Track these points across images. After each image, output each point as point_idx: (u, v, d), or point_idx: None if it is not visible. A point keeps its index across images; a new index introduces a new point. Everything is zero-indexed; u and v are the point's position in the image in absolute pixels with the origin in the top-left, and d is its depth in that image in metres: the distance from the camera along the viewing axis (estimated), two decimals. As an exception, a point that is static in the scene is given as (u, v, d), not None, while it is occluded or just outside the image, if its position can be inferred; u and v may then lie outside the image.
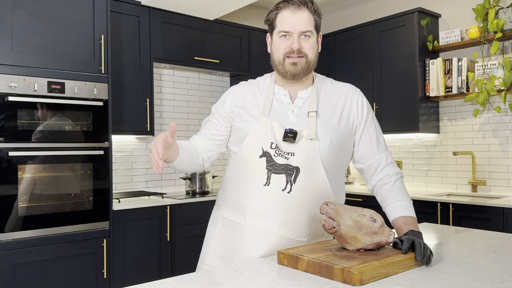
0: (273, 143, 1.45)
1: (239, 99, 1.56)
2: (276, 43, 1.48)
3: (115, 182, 3.60)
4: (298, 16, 1.43)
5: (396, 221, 1.44)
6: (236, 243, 1.49)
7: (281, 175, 1.43)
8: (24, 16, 2.68)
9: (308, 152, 1.44)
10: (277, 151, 1.44)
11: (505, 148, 3.41)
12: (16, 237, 2.61)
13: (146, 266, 3.18)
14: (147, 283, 1.13)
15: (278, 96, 1.53)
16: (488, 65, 3.38)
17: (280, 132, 1.45)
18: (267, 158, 1.44)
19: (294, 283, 1.11)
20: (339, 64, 4.27)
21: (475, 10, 3.42)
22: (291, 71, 1.46)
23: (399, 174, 1.53)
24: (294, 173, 1.43)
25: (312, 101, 1.50)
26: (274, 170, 1.43)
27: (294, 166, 1.43)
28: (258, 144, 1.46)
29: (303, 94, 1.52)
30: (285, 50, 1.45)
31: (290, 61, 1.45)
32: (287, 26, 1.43)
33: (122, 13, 3.35)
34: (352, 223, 1.25)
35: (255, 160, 1.46)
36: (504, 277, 1.14)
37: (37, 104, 2.70)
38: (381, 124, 3.83)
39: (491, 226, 2.87)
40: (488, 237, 1.66)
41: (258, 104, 1.52)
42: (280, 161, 1.44)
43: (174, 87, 4.02)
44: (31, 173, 2.67)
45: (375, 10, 4.33)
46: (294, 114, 1.49)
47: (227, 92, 1.62)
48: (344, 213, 1.27)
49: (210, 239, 1.60)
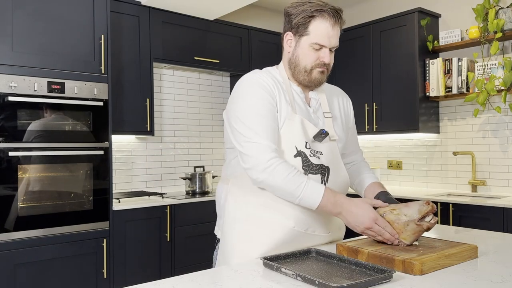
0: (307, 142, 1.45)
1: (271, 89, 1.46)
2: (306, 51, 1.45)
3: (115, 182, 3.60)
4: (335, 31, 1.44)
5: (368, 187, 1.61)
6: (271, 239, 1.42)
7: (316, 175, 1.44)
8: (24, 16, 2.68)
9: (332, 152, 1.50)
10: (311, 151, 1.45)
11: (505, 148, 3.41)
12: (16, 237, 2.61)
13: (146, 266, 3.18)
14: (147, 283, 1.12)
15: (297, 92, 1.52)
16: (488, 65, 3.38)
17: (312, 132, 1.46)
18: (303, 158, 1.43)
19: (294, 282, 1.11)
20: (339, 64, 4.27)
21: (475, 10, 3.42)
22: (319, 79, 1.49)
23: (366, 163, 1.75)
24: (327, 172, 1.47)
25: (324, 102, 1.56)
26: (310, 171, 1.43)
27: (326, 166, 1.47)
28: (292, 143, 1.43)
29: (313, 95, 1.56)
30: (316, 62, 1.46)
31: (319, 70, 1.47)
32: (325, 41, 1.43)
33: (122, 13, 3.35)
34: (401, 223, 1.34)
35: (289, 160, 1.42)
36: (504, 277, 1.14)
37: (37, 104, 2.70)
38: (381, 124, 3.88)
39: (491, 226, 2.87)
40: (488, 237, 1.66)
41: (285, 98, 1.47)
42: (315, 161, 1.45)
43: (174, 87, 4.02)
44: (31, 173, 2.67)
45: (375, 10, 4.33)
46: (315, 113, 1.53)
47: (252, 83, 1.45)
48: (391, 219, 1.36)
49: (235, 238, 1.47)
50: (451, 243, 1.37)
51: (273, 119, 1.41)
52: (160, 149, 3.91)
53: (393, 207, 1.37)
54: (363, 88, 4.02)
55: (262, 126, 1.38)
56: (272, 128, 1.40)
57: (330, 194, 1.36)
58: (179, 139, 4.04)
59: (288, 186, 1.35)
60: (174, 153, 4.01)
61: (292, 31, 1.48)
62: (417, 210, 1.32)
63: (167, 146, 3.96)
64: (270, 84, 1.46)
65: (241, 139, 1.40)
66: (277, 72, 1.55)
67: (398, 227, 1.33)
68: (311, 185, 1.35)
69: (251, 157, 1.37)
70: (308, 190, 1.34)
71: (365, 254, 1.27)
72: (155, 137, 3.87)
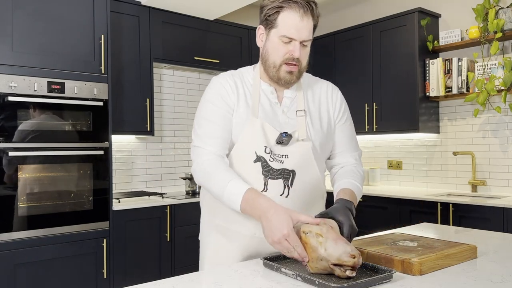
0: (267, 147, 1.39)
1: (229, 94, 1.43)
2: (275, 45, 1.38)
3: (115, 182, 3.60)
4: (305, 23, 1.34)
5: (337, 193, 1.44)
6: (235, 251, 1.43)
7: (278, 180, 1.39)
8: (24, 16, 2.68)
9: (301, 154, 1.42)
10: (272, 156, 1.39)
11: (505, 148, 3.41)
12: (16, 237, 2.61)
13: (146, 266, 3.18)
14: (147, 283, 1.12)
15: (265, 93, 1.46)
16: (488, 65, 3.38)
17: (273, 135, 1.40)
18: (262, 163, 1.39)
19: (294, 282, 1.11)
20: (339, 64, 4.27)
21: (475, 10, 3.42)
22: (286, 80, 1.41)
23: (359, 167, 1.55)
24: (291, 176, 1.40)
25: (300, 100, 1.47)
26: (271, 176, 1.39)
27: (290, 169, 1.40)
28: (251, 148, 1.39)
29: (288, 93, 1.47)
30: (285, 56, 1.37)
31: (287, 69, 1.38)
32: (293, 33, 1.34)
33: (122, 13, 3.35)
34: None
35: (249, 165, 1.39)
36: (504, 277, 1.14)
37: (37, 104, 2.70)
38: (381, 124, 3.88)
39: (491, 226, 2.87)
40: (488, 237, 1.66)
41: (247, 101, 1.43)
42: (276, 165, 1.39)
43: (174, 87, 4.02)
44: (31, 173, 2.67)
45: (375, 10, 4.33)
46: (284, 114, 1.45)
47: (211, 89, 1.46)
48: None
49: (205, 251, 1.52)
50: (450, 243, 1.37)
51: (223, 126, 1.40)
52: (160, 149, 3.92)
53: (319, 232, 1.15)
54: (363, 88, 4.02)
55: (208, 132, 1.40)
56: (218, 134, 1.39)
57: (251, 196, 1.27)
58: (179, 139, 4.04)
59: (215, 189, 1.34)
60: (174, 153, 4.01)
61: (263, 24, 1.41)
62: (339, 255, 1.10)
63: (167, 146, 3.96)
64: (230, 90, 1.43)
65: (192, 144, 1.45)
66: (251, 72, 1.50)
67: (312, 254, 1.15)
68: (233, 186, 1.30)
69: (193, 161, 1.42)
70: (228, 191, 1.30)
71: (364, 254, 1.27)
72: (155, 137, 3.87)
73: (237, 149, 1.41)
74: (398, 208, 3.44)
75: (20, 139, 2.64)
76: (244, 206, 1.28)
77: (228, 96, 1.42)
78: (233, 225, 1.43)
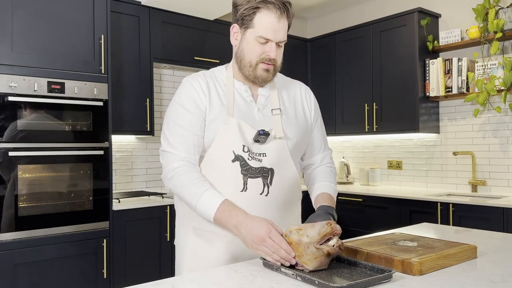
0: (245, 145, 1.39)
1: (200, 97, 1.43)
2: (251, 45, 1.38)
3: (115, 182, 3.60)
4: (281, 24, 1.36)
5: (316, 200, 1.50)
6: (215, 254, 1.41)
7: (257, 179, 1.39)
8: (24, 16, 2.68)
9: (279, 152, 1.43)
10: (250, 154, 1.39)
11: (505, 148, 3.41)
12: (16, 237, 2.61)
13: (146, 266, 3.18)
14: (147, 283, 1.12)
15: (240, 92, 1.46)
16: (488, 65, 3.38)
17: (250, 133, 1.40)
18: (241, 163, 1.38)
19: (294, 282, 1.11)
20: (339, 64, 4.27)
21: (475, 10, 3.42)
22: (263, 77, 1.41)
23: (332, 166, 1.62)
24: (270, 175, 1.41)
25: (274, 99, 1.48)
26: (250, 175, 1.39)
27: (268, 168, 1.41)
28: (229, 147, 1.39)
29: (263, 91, 1.48)
30: (261, 56, 1.38)
31: (264, 67, 1.40)
32: (270, 35, 1.35)
33: (122, 13, 3.35)
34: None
35: (227, 165, 1.38)
36: (504, 277, 1.14)
37: (37, 104, 2.70)
38: (381, 124, 3.88)
39: (491, 226, 2.87)
40: (488, 237, 1.66)
41: (221, 101, 1.43)
42: (254, 164, 1.39)
43: (174, 87, 4.02)
44: (31, 173, 2.67)
45: (375, 10, 4.33)
46: (260, 111, 1.45)
47: (181, 91, 1.46)
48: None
49: (182, 255, 1.50)
50: (450, 243, 1.37)
51: (193, 130, 1.39)
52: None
53: (299, 227, 1.21)
54: (363, 88, 4.02)
55: (177, 137, 1.39)
56: (189, 138, 1.39)
57: (227, 207, 1.29)
58: (179, 139, 4.04)
59: (187, 196, 1.34)
60: (174, 153, 4.00)
61: (238, 23, 1.42)
62: (318, 231, 1.16)
63: (167, 146, 3.95)
64: (201, 92, 1.42)
65: (160, 148, 1.44)
66: (224, 71, 1.51)
67: (299, 249, 1.17)
68: (209, 196, 1.31)
69: (163, 166, 1.41)
70: (203, 201, 1.30)
71: (364, 254, 1.27)
72: (155, 137, 3.87)
73: (214, 149, 1.40)
74: (398, 208, 3.44)
75: (20, 139, 2.64)
76: (219, 216, 1.29)
77: (200, 98, 1.42)
78: (212, 227, 1.40)
